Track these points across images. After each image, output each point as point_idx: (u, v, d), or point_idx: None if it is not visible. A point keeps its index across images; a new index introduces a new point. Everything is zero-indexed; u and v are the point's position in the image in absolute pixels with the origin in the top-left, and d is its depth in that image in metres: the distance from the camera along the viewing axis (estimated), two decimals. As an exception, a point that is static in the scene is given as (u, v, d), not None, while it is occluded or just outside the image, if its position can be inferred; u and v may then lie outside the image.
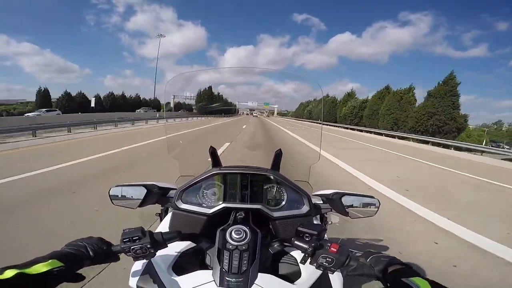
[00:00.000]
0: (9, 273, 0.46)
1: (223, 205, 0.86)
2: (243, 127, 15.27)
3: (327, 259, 0.65)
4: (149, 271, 0.74)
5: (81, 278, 0.59)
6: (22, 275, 0.47)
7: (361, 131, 26.07)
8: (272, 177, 0.90)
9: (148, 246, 0.65)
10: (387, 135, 21.79)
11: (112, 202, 0.92)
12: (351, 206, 0.92)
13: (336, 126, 31.24)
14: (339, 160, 7.42)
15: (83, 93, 36.35)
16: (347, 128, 29.13)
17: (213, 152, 1.06)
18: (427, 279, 0.54)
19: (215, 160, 1.06)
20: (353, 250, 0.70)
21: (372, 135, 22.53)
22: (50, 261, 0.53)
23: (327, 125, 31.35)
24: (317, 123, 29.16)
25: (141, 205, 0.90)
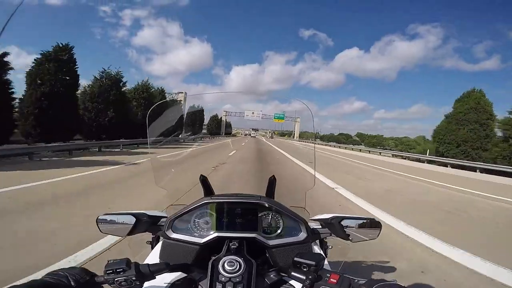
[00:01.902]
0: None
1: (216, 234, 0.83)
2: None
3: None
4: None
5: None
6: None
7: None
8: (266, 205, 0.87)
9: (134, 278, 0.62)
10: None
11: (100, 230, 0.88)
12: (352, 229, 0.89)
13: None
14: None
15: None
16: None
17: (203, 181, 1.04)
18: None
19: (207, 189, 1.04)
20: (355, 278, 0.65)
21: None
22: None
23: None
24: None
25: (130, 233, 0.87)
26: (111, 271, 0.61)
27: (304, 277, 0.63)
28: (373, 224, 0.91)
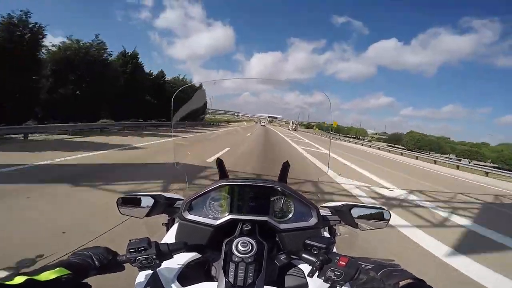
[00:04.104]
0: (19, 279, 0.47)
1: (230, 216, 0.86)
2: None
3: (336, 272, 0.63)
4: (154, 282, 0.73)
5: (87, 287, 0.59)
6: (31, 281, 0.48)
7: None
8: (279, 189, 0.89)
9: (154, 257, 0.65)
10: None
11: (120, 211, 0.93)
12: (361, 217, 0.90)
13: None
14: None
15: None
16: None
17: (220, 164, 1.06)
18: None
19: (222, 172, 1.07)
20: (363, 263, 0.68)
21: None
22: (57, 269, 0.53)
23: None
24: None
25: (148, 214, 0.91)
26: (133, 250, 0.65)
27: (315, 259, 0.66)
28: (382, 213, 0.92)
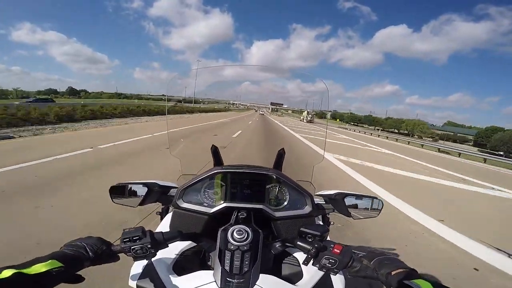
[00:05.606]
0: (6, 273, 0.45)
1: (225, 204, 0.85)
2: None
3: (330, 260, 0.64)
4: (149, 271, 0.73)
5: (81, 279, 0.58)
6: (20, 274, 0.46)
7: None
8: (274, 177, 0.89)
9: (149, 246, 0.64)
10: None
11: (113, 200, 0.91)
12: (354, 206, 0.91)
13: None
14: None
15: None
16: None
17: (215, 151, 1.05)
18: (430, 281, 0.53)
19: (217, 159, 1.05)
20: (356, 251, 0.69)
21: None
22: (49, 261, 0.52)
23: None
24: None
25: (141, 203, 0.89)
26: (127, 239, 0.64)
27: (310, 247, 0.66)
28: (375, 202, 0.92)
